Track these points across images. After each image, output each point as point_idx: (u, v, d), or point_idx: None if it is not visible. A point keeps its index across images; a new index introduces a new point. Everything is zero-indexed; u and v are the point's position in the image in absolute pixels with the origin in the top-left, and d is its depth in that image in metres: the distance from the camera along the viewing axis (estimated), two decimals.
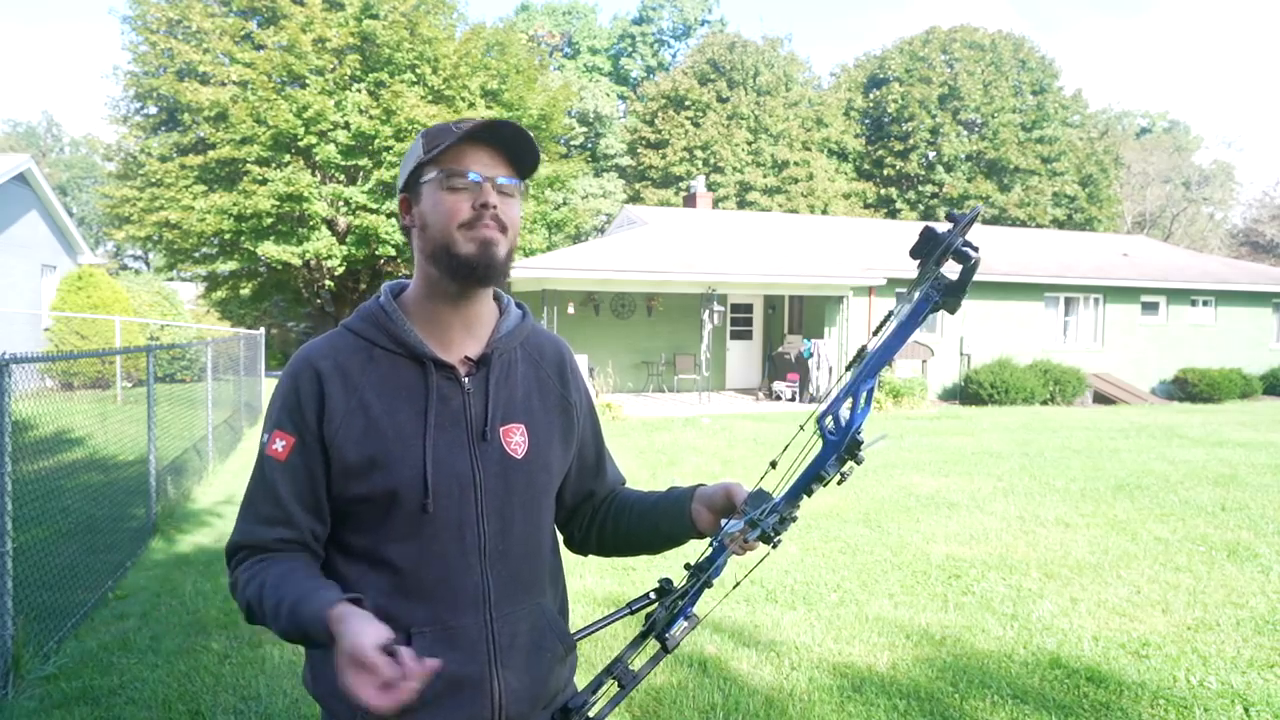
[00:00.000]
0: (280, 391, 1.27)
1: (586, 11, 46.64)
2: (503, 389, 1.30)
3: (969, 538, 6.11)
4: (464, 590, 1.23)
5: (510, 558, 1.27)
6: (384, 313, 1.29)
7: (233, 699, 3.47)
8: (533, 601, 1.30)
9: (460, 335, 1.29)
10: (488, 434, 1.26)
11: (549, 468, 1.33)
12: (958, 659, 3.89)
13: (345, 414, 1.22)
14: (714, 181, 32.96)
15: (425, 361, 1.25)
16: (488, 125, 1.20)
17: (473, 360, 1.28)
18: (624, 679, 1.27)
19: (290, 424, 1.23)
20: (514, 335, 1.34)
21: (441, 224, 1.21)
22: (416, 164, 1.23)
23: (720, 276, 15.25)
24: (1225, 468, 9.02)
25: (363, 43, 20.58)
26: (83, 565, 4.76)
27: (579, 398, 1.42)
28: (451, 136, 1.20)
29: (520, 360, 1.35)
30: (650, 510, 1.40)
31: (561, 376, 1.40)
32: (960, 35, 36.04)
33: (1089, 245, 22.88)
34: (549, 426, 1.34)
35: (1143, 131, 48.72)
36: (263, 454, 1.25)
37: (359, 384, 1.24)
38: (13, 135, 51.47)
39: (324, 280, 22.89)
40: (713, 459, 9.51)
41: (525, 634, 1.28)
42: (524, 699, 1.26)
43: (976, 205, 1.08)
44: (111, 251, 42.96)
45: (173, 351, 14.35)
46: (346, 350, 1.27)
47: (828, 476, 1.12)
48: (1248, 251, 41.71)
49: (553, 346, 1.43)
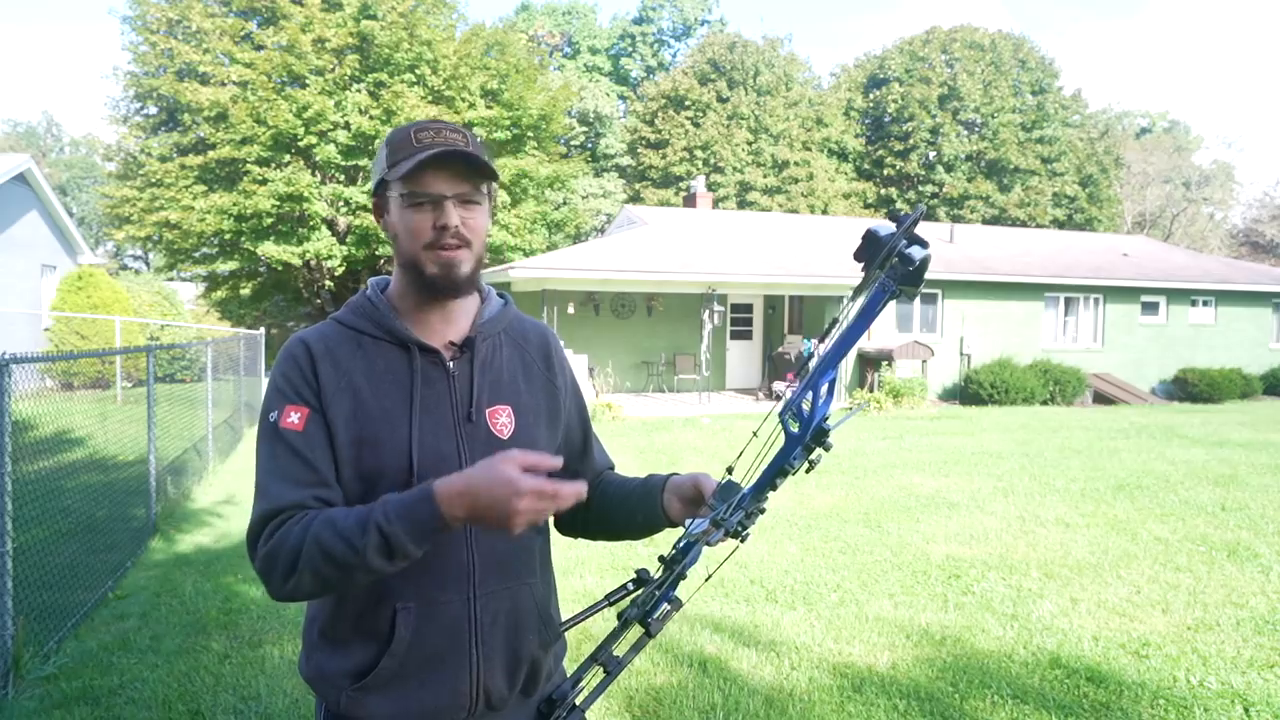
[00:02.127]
0: (279, 372, 1.29)
1: (586, 11, 46.63)
2: (488, 371, 1.33)
3: (969, 538, 6.11)
4: (448, 568, 1.25)
5: (496, 538, 1.29)
6: (370, 304, 1.33)
7: (233, 699, 3.47)
8: (519, 583, 1.32)
9: (442, 325, 1.33)
10: (473, 415, 1.29)
11: (535, 448, 1.34)
12: (958, 659, 3.89)
13: (335, 393, 1.25)
14: (714, 181, 32.95)
15: (410, 346, 1.29)
16: (437, 157, 1.21)
17: (457, 345, 1.32)
18: (609, 665, 1.28)
19: (299, 397, 1.25)
20: (496, 321, 1.39)
21: (407, 242, 1.26)
22: (381, 177, 1.27)
23: (720, 276, 15.25)
24: (1225, 468, 9.02)
25: (362, 43, 20.57)
26: (83, 565, 4.76)
27: (564, 381, 1.46)
28: (409, 154, 1.22)
29: (505, 344, 1.39)
30: (628, 498, 1.43)
31: (546, 360, 1.44)
32: (960, 35, 36.03)
33: (1089, 245, 22.88)
34: (535, 408, 1.37)
35: (1143, 131, 48.72)
36: (276, 430, 1.23)
37: (348, 368, 1.27)
38: (13, 135, 51.47)
39: (324, 280, 22.88)
40: (713, 459, 9.51)
41: (508, 614, 1.30)
42: (503, 677, 1.29)
43: (920, 206, 1.10)
44: (111, 251, 42.94)
45: (173, 351, 14.35)
46: (335, 338, 1.31)
47: (793, 468, 1.15)
48: (1248, 251, 41.72)
49: (537, 332, 1.46)
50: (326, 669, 1.27)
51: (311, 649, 1.31)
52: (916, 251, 1.01)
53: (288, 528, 1.16)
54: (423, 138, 1.23)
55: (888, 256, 1.02)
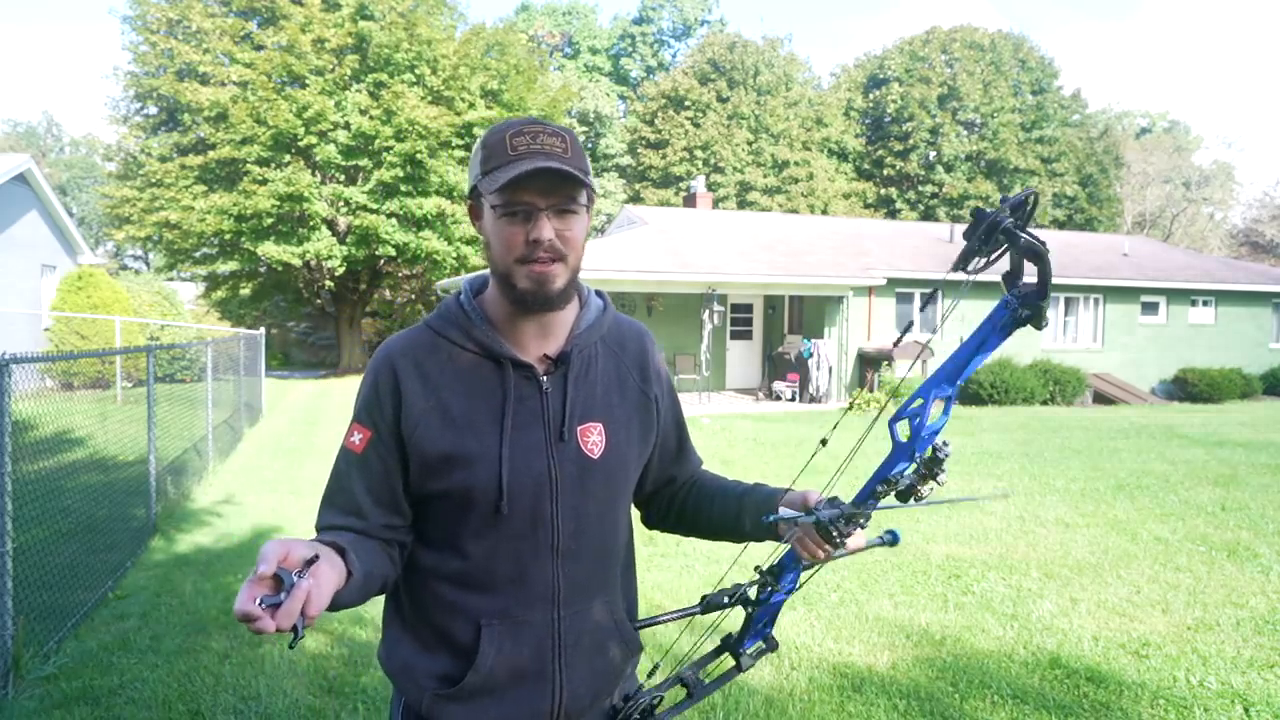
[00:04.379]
0: (363, 387, 1.29)
1: (586, 11, 46.62)
2: (581, 387, 1.29)
3: (969, 538, 6.11)
4: (534, 586, 1.25)
5: (583, 557, 1.28)
6: (463, 312, 1.29)
7: (233, 699, 3.47)
8: (602, 600, 1.32)
9: (538, 335, 1.28)
10: (565, 434, 1.26)
11: (626, 467, 1.34)
12: (958, 659, 3.89)
13: (423, 411, 1.23)
14: (714, 181, 32.95)
15: (503, 361, 1.25)
16: (531, 174, 1.15)
17: (551, 358, 1.28)
18: (694, 687, 1.28)
19: (368, 419, 1.25)
20: (594, 330, 1.33)
21: (500, 254, 1.21)
22: (475, 181, 1.23)
23: (720, 276, 15.25)
24: (1225, 468, 9.01)
25: (361, 43, 20.57)
26: (83, 565, 4.76)
27: (660, 390, 1.42)
28: (503, 162, 1.17)
29: (600, 355, 1.34)
30: (735, 503, 1.41)
31: (643, 370, 1.39)
32: (960, 35, 36.03)
33: (1089, 245, 22.87)
34: (627, 424, 1.34)
35: (1143, 131, 48.72)
36: (344, 447, 1.27)
37: (438, 383, 1.25)
38: (13, 135, 51.45)
39: (324, 280, 22.88)
40: (713, 459, 9.51)
41: (591, 632, 1.30)
42: (585, 695, 1.29)
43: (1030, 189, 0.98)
44: (111, 251, 42.93)
45: (173, 352, 14.35)
46: (426, 348, 1.27)
47: (899, 483, 1.08)
48: (1248, 251, 41.72)
49: (635, 338, 1.41)
50: (414, 668, 1.28)
51: (395, 643, 1.31)
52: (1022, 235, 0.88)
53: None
54: (519, 144, 1.17)
55: (991, 232, 0.92)
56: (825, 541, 1.15)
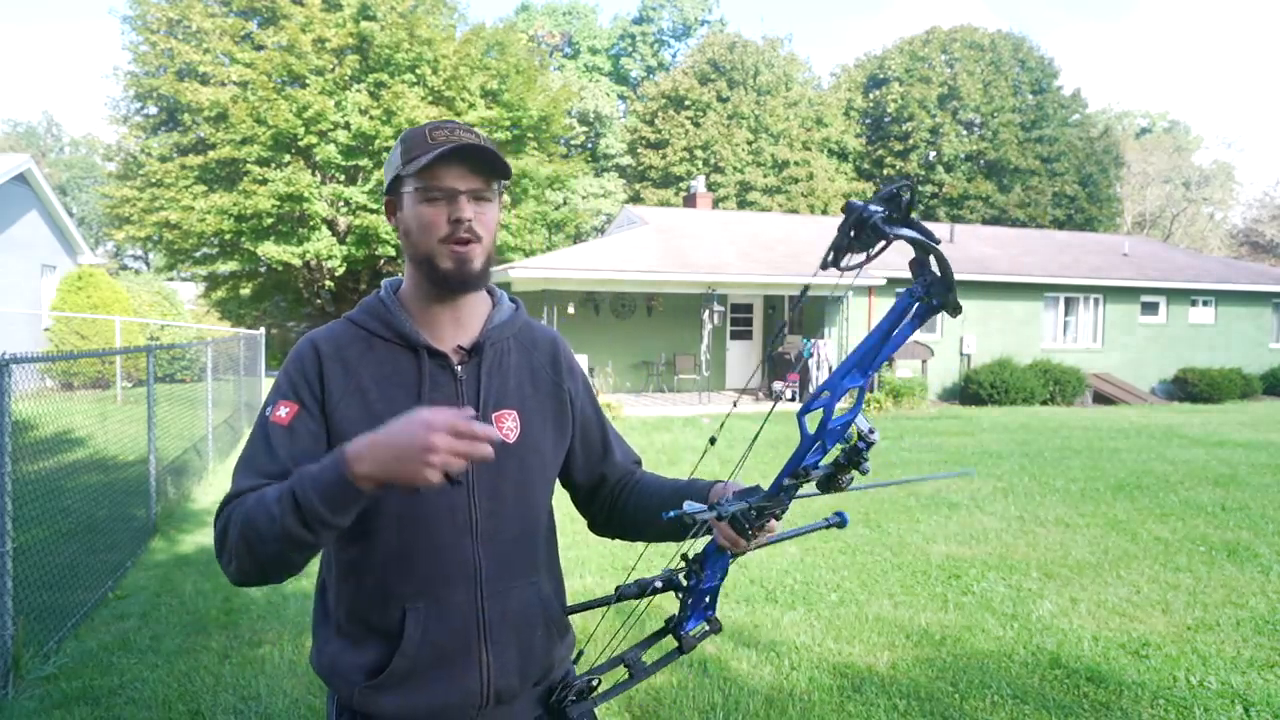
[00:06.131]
0: (285, 369, 1.32)
1: (586, 11, 46.61)
2: (495, 376, 1.35)
3: (969, 538, 6.11)
4: (454, 566, 1.28)
5: (502, 538, 1.31)
6: (383, 305, 1.35)
7: (233, 699, 3.47)
8: (526, 580, 1.34)
9: (452, 328, 1.34)
10: (480, 419, 1.28)
11: (541, 452, 1.37)
12: (958, 659, 3.89)
13: (343, 394, 1.28)
14: (714, 181, 32.94)
15: (419, 350, 1.31)
16: (456, 150, 1.24)
17: (465, 349, 1.34)
18: (635, 668, 1.29)
19: (294, 394, 1.28)
20: (506, 326, 1.39)
21: (421, 236, 1.27)
22: (396, 174, 1.29)
23: (720, 276, 15.25)
24: (1225, 468, 9.02)
25: (361, 43, 20.57)
26: (83, 565, 4.76)
27: (574, 384, 1.47)
28: (425, 151, 1.25)
29: (513, 350, 1.40)
30: (670, 499, 1.42)
31: (555, 364, 1.45)
32: (960, 35, 36.02)
33: (1089, 245, 22.87)
34: (541, 412, 1.39)
35: (1143, 131, 48.71)
36: (264, 420, 1.28)
37: (357, 369, 1.30)
38: (13, 135, 51.45)
39: (324, 280, 22.89)
40: (712, 459, 9.51)
41: (516, 612, 1.32)
42: (512, 674, 1.31)
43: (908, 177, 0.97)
44: (111, 251, 42.94)
45: (173, 352, 14.35)
46: (347, 338, 1.33)
47: (811, 475, 1.09)
48: (1248, 251, 41.73)
49: (546, 337, 1.47)
50: (340, 664, 1.29)
51: (324, 643, 1.33)
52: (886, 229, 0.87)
53: (232, 508, 1.19)
54: (438, 136, 1.26)
55: (859, 226, 0.92)
56: (739, 535, 1.16)
